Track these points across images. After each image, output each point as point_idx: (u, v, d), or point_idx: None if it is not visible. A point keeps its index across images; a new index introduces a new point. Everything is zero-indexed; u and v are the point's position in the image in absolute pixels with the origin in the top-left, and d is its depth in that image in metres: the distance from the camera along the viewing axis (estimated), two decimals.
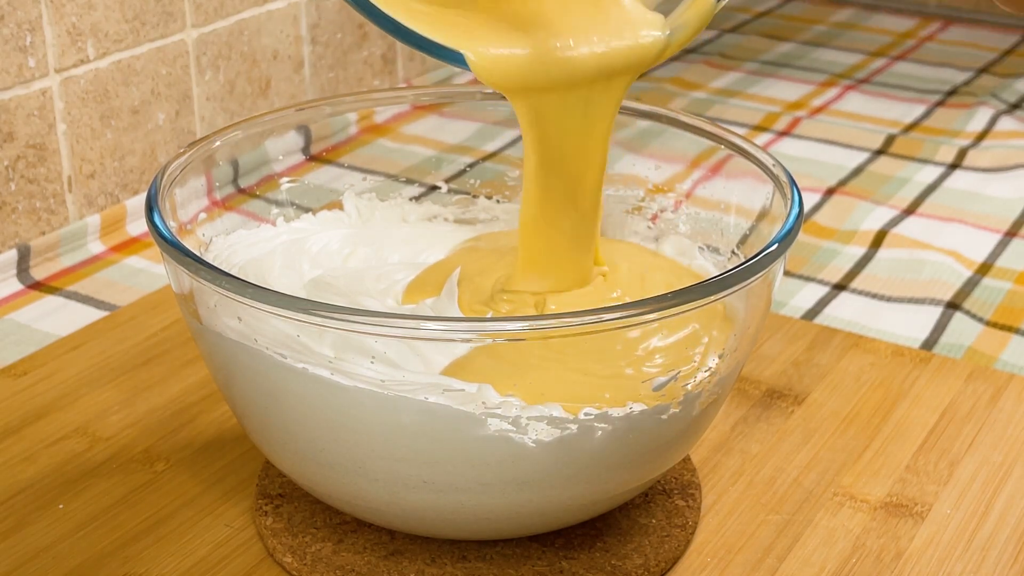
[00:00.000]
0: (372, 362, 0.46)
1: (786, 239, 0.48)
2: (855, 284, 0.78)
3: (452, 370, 0.47)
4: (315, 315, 0.44)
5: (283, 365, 0.46)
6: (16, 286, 0.76)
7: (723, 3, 0.50)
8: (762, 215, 0.55)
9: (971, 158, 0.96)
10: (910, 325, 0.73)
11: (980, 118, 1.03)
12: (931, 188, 0.91)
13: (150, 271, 0.79)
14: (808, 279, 0.79)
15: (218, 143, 0.57)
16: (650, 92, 1.09)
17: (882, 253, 0.81)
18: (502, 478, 0.47)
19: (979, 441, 0.60)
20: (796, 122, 1.03)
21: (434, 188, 0.65)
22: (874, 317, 0.74)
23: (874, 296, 0.76)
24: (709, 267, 0.58)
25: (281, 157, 0.61)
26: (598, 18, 0.50)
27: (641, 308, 0.44)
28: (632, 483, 0.50)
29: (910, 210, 0.87)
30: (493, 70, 0.49)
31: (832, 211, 0.87)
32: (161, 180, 0.53)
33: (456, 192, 0.65)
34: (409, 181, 0.66)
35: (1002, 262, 0.81)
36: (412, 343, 0.47)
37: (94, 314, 0.73)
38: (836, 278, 0.79)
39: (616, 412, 0.46)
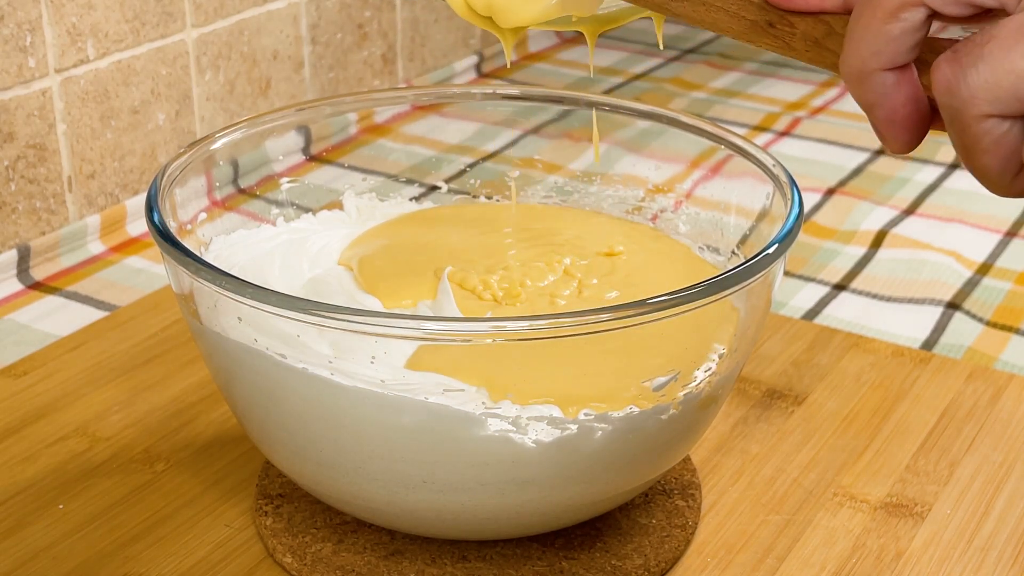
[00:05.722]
0: (372, 362, 0.46)
1: (786, 239, 0.48)
2: (855, 284, 0.78)
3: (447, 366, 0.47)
4: (315, 315, 0.44)
5: (283, 365, 0.46)
6: (16, 286, 0.76)
7: None
8: (762, 215, 0.55)
9: None
10: (910, 325, 0.73)
11: None
12: (931, 188, 0.91)
13: (150, 271, 0.79)
14: (808, 279, 0.79)
15: (218, 143, 0.57)
16: (650, 92, 1.09)
17: (882, 253, 0.81)
18: (502, 478, 0.47)
19: (979, 441, 0.60)
20: (796, 122, 1.03)
21: (434, 188, 0.65)
22: (874, 317, 0.74)
23: (874, 296, 0.76)
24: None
25: (281, 157, 0.61)
26: None
27: (641, 308, 0.44)
28: (632, 483, 0.50)
29: (910, 210, 0.87)
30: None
31: (832, 211, 0.87)
32: (161, 180, 0.53)
33: (456, 192, 0.65)
34: (409, 181, 0.66)
35: (1002, 262, 0.81)
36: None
37: (94, 314, 0.73)
38: (836, 278, 0.79)
39: (616, 412, 0.46)
